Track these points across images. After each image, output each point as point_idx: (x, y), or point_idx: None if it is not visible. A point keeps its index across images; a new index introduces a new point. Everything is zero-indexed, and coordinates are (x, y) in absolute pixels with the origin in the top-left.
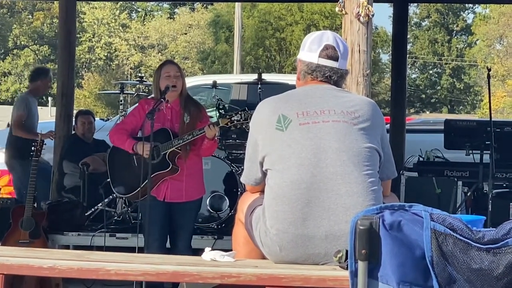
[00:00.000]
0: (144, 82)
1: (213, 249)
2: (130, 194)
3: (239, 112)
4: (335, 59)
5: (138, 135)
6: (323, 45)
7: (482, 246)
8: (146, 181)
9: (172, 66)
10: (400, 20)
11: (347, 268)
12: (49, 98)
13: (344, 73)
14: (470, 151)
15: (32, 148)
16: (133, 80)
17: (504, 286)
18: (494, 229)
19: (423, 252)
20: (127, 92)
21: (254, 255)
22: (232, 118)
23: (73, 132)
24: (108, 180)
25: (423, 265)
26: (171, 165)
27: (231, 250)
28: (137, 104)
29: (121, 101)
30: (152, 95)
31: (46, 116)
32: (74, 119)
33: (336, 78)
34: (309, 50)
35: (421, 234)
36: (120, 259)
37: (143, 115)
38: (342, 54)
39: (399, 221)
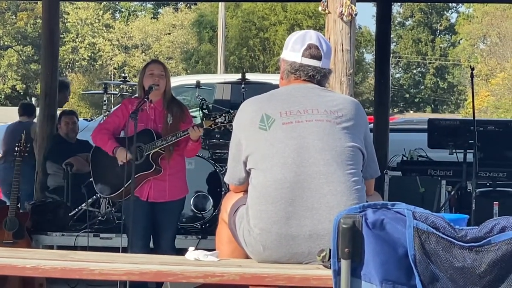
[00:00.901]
0: (127, 82)
1: (196, 249)
2: (114, 194)
3: (223, 114)
4: (318, 58)
5: (121, 135)
6: (306, 44)
7: (464, 244)
8: (130, 181)
9: (157, 65)
10: (384, 20)
11: (330, 267)
12: (33, 99)
13: (327, 73)
14: (454, 150)
15: (16, 148)
16: (116, 80)
17: (486, 284)
18: (477, 227)
19: (406, 250)
20: (110, 92)
21: (237, 255)
22: (216, 120)
23: (56, 132)
24: (91, 179)
25: (406, 263)
26: (154, 166)
27: (214, 249)
28: (120, 104)
29: (105, 101)
30: (136, 95)
31: None
32: (57, 119)
33: (319, 77)
34: (292, 50)
35: (404, 232)
36: (104, 259)
37: (126, 115)
38: (325, 53)
39: (382, 219)
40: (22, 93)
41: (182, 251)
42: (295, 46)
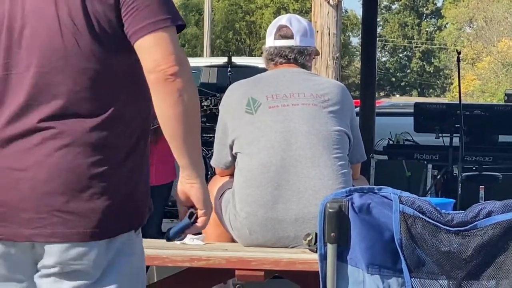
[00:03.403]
0: None
1: None
2: None
3: (209, 97)
4: (290, 37)
5: None
6: (276, 27)
7: (451, 228)
8: None
9: None
10: (370, 3)
11: (316, 251)
12: None
13: (303, 49)
14: (440, 134)
15: None
16: None
17: (472, 268)
18: (463, 211)
19: (392, 235)
20: None
21: (224, 238)
22: (202, 103)
23: None
24: None
25: (392, 248)
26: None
27: (200, 233)
28: None
29: None
30: None
31: None
32: None
33: (295, 55)
34: (268, 36)
35: (390, 217)
36: None
37: None
38: (297, 30)
39: (368, 204)
40: None
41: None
42: (269, 32)
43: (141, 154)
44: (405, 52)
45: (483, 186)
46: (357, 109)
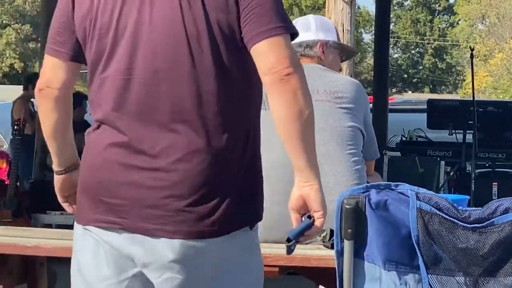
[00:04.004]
0: None
1: None
2: None
3: None
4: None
5: None
6: None
7: (468, 225)
8: None
9: None
10: (383, 0)
11: (331, 247)
12: None
13: (312, 43)
14: (453, 131)
15: (15, 127)
16: None
17: (489, 265)
18: (480, 208)
19: (409, 231)
20: None
21: None
22: None
23: None
24: None
25: (409, 244)
26: None
27: None
28: None
29: None
30: None
31: None
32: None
33: (304, 51)
34: None
35: (407, 213)
36: None
37: None
38: (302, 27)
39: (385, 200)
40: (20, 72)
41: None
42: None
43: (252, 153)
44: (417, 49)
45: (496, 183)
46: (370, 105)
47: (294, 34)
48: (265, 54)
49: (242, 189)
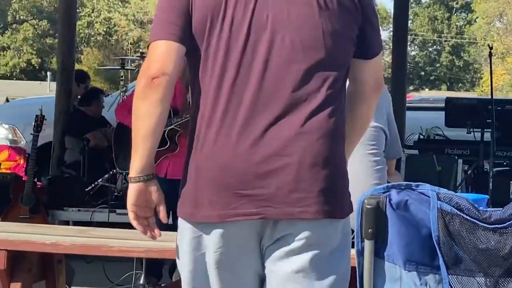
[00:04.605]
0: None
1: None
2: None
3: None
4: None
5: None
6: None
7: (488, 226)
8: None
9: None
10: None
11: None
12: (48, 73)
13: None
14: (471, 129)
15: (33, 123)
16: (133, 56)
17: (510, 266)
18: (501, 209)
19: (430, 231)
20: (128, 68)
21: None
22: None
23: (77, 107)
24: (112, 155)
25: (430, 244)
26: (169, 143)
27: None
28: None
29: (122, 76)
30: None
31: (45, 91)
32: (90, 97)
33: None
34: None
35: (428, 213)
36: (123, 236)
37: None
38: None
39: (406, 200)
40: (37, 67)
41: None
42: None
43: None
44: (435, 46)
45: None
46: None
47: None
48: (378, 65)
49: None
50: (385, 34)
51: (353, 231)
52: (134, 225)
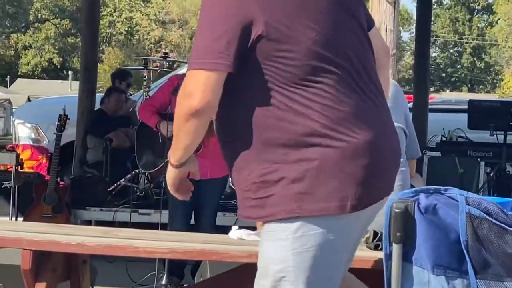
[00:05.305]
0: (168, 58)
1: (239, 228)
2: (154, 170)
3: None
4: None
5: (167, 112)
6: None
7: None
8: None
9: None
10: (425, 0)
11: (373, 249)
12: (70, 72)
13: None
14: (494, 132)
15: (56, 123)
16: (156, 56)
17: None
18: None
19: (458, 236)
20: (150, 68)
21: None
22: None
23: (99, 107)
24: (135, 155)
25: (458, 249)
26: None
27: (255, 228)
28: (167, 80)
29: (145, 77)
30: (182, 71)
31: (67, 90)
32: (105, 95)
33: None
34: None
35: (456, 218)
36: (148, 237)
37: (172, 91)
38: None
39: (434, 204)
40: (59, 66)
41: (221, 228)
42: None
43: None
44: (456, 48)
45: None
46: (410, 105)
47: None
48: (378, 33)
49: None
50: (406, 35)
51: (381, 234)
52: (178, 196)
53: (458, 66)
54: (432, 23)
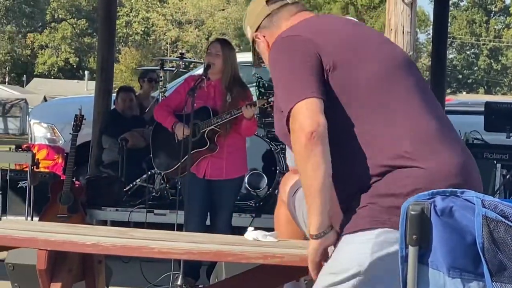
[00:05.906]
0: (184, 59)
1: (255, 229)
2: (170, 170)
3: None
4: None
5: (183, 112)
6: None
7: None
8: (185, 157)
9: (215, 44)
10: (442, 2)
11: None
12: (86, 72)
13: None
14: (511, 134)
15: (72, 123)
16: (173, 56)
17: None
18: None
19: (474, 238)
20: (167, 68)
21: (296, 236)
22: (269, 99)
23: (113, 107)
24: (150, 155)
25: (474, 251)
26: (208, 143)
27: (271, 229)
28: (183, 80)
29: (161, 77)
30: (198, 72)
31: (82, 90)
32: (115, 95)
33: None
34: None
35: (473, 220)
36: (163, 237)
37: (188, 91)
38: None
39: (450, 207)
40: (75, 66)
41: (236, 229)
42: None
43: None
44: (473, 50)
45: None
46: None
47: None
48: None
49: None
50: (423, 36)
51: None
52: (313, 274)
53: (475, 68)
54: (449, 24)
